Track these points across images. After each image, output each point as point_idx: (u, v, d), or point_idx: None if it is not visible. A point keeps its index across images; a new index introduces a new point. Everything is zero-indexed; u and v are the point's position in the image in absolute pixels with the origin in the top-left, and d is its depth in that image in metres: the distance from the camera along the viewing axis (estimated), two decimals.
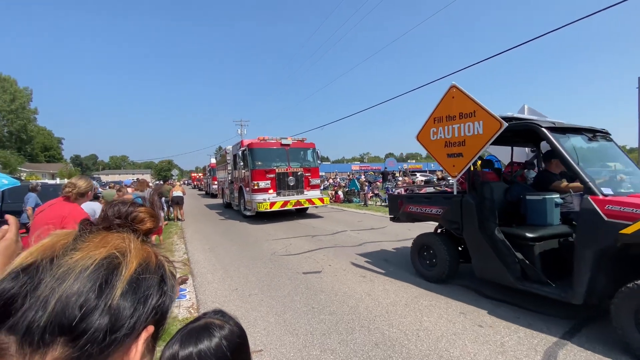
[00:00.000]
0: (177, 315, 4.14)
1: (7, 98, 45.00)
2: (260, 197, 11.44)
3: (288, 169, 12.08)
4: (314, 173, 12.85)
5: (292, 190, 12.05)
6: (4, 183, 5.79)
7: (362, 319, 3.68)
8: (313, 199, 12.16)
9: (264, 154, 12.13)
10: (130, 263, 0.50)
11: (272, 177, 11.77)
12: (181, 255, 7.31)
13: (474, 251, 4.22)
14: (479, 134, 4.25)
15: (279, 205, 11.39)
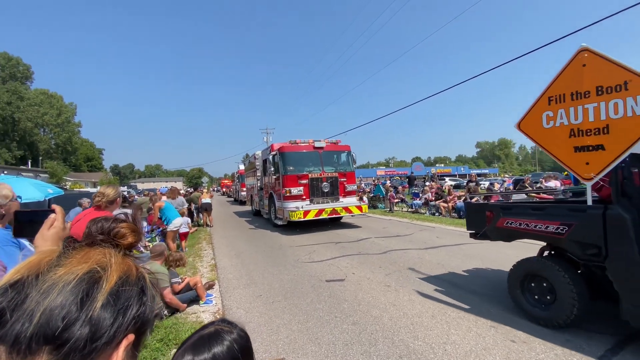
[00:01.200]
0: (203, 320, 4.24)
1: (54, 113, 48.84)
2: (293, 205, 10.58)
3: (322, 173, 11.11)
4: (349, 178, 11.74)
5: (326, 197, 11.11)
6: (49, 192, 6.25)
7: (386, 330, 3.58)
8: (350, 206, 11.01)
9: (296, 158, 11.26)
10: (111, 277, 0.54)
11: (304, 183, 10.84)
12: (209, 260, 7.51)
13: (629, 289, 2.90)
14: (637, 116, 2.97)
15: (313, 214, 10.35)
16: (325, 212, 10.52)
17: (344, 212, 10.93)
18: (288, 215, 10.35)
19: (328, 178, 11.18)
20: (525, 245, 7.16)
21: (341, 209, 10.87)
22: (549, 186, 11.55)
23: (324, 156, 11.55)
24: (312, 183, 10.90)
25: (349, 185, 11.64)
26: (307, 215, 10.27)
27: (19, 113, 43.97)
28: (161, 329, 3.95)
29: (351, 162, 12.11)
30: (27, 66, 48.39)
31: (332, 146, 12.10)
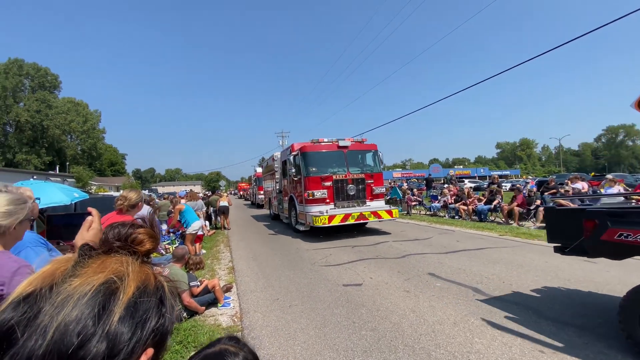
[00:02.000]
0: (221, 323, 4.26)
1: (81, 120, 50.95)
2: (316, 209, 9.77)
3: (347, 175, 10.24)
4: (377, 180, 10.79)
5: (352, 200, 10.24)
6: (75, 196, 6.47)
7: (406, 337, 3.47)
8: (379, 211, 9.89)
9: (318, 158, 10.44)
10: (128, 287, 0.51)
11: (328, 186, 10.01)
12: (227, 263, 7.58)
13: None
14: None
15: (339, 219, 9.36)
16: (351, 217, 9.51)
17: (372, 217, 9.82)
18: (311, 221, 9.49)
19: (354, 180, 10.29)
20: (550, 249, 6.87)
21: (369, 213, 9.77)
22: (576, 187, 11.03)
23: (349, 156, 10.66)
24: (336, 185, 10.09)
25: (377, 188, 10.70)
26: (332, 220, 9.29)
27: (48, 121, 46.11)
28: (180, 331, 3.99)
29: (378, 162, 11.22)
30: (55, 76, 50.72)
31: (358, 145, 11.15)
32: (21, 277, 1.58)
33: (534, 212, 10.61)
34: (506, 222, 10.91)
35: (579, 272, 5.34)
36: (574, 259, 6.09)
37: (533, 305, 4.07)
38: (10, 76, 44.40)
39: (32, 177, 21.85)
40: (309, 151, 10.44)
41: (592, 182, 19.84)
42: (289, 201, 12.04)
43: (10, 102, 44.52)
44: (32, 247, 2.11)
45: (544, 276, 5.19)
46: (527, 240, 8.08)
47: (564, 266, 5.67)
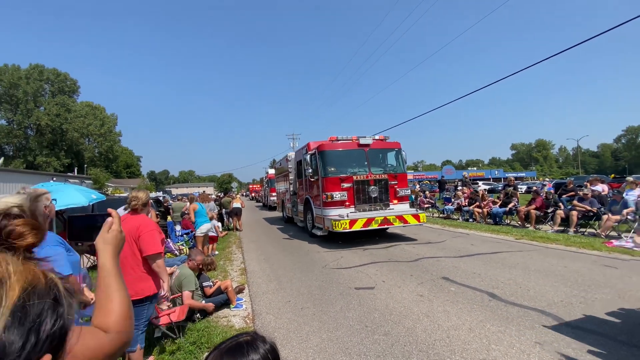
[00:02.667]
0: (234, 324, 4.28)
1: (98, 124, 52.36)
2: (335, 213, 9.06)
3: (369, 175, 9.42)
4: (401, 181, 9.98)
5: (374, 203, 9.40)
6: (92, 198, 6.63)
7: (420, 343, 3.41)
8: (405, 215, 9.03)
9: (338, 157, 9.71)
10: (12, 290, 0.45)
11: (348, 187, 9.23)
12: (239, 264, 7.63)
13: None
14: None
15: (361, 224, 8.53)
16: (375, 222, 8.67)
17: (397, 221, 8.89)
18: (330, 225, 8.73)
19: (376, 181, 9.43)
20: (569, 253, 6.67)
21: (394, 217, 8.87)
22: (595, 190, 10.68)
23: (370, 155, 9.83)
24: (357, 187, 9.27)
25: (401, 190, 9.87)
26: (354, 225, 8.48)
27: (67, 124, 47.54)
28: (194, 331, 4.03)
29: (402, 161, 10.36)
30: (74, 81, 52.30)
31: (380, 143, 10.28)
32: None
33: (552, 215, 10.32)
34: (522, 226, 10.64)
35: (600, 277, 5.15)
36: (594, 264, 5.90)
37: (552, 312, 3.94)
38: (32, 81, 46.01)
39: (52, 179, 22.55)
40: (327, 150, 9.67)
41: (613, 184, 19.20)
42: (304, 204, 11.37)
43: (31, 106, 46.12)
44: (51, 246, 2.16)
45: (564, 281, 5.03)
46: (545, 244, 7.86)
47: (584, 271, 5.48)
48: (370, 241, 9.36)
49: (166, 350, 3.66)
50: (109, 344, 0.81)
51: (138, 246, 2.97)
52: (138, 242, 2.97)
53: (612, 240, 7.67)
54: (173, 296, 4.44)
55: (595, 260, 6.17)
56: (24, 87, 44.78)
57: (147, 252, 2.96)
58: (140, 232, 2.98)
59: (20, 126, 46.52)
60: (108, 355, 0.80)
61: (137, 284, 2.91)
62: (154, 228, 3.10)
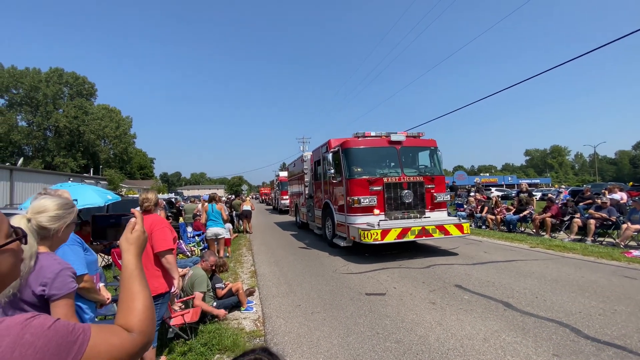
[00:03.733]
0: (244, 327, 4.29)
1: (114, 126, 53.59)
2: (362, 221, 7.85)
3: (401, 177, 8.15)
4: (438, 184, 8.67)
5: (407, 210, 8.09)
6: (108, 198, 6.77)
7: (433, 352, 3.35)
8: (446, 225, 7.62)
9: (365, 156, 8.49)
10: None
11: (378, 191, 7.99)
12: (249, 267, 7.67)
13: None
14: None
15: (395, 234, 7.21)
16: (411, 233, 7.31)
17: (437, 232, 7.52)
18: (357, 235, 7.50)
19: (410, 184, 8.15)
20: (586, 263, 6.48)
21: (434, 228, 7.50)
22: (614, 198, 10.38)
23: (403, 154, 8.58)
24: (387, 190, 8.01)
25: (439, 195, 8.53)
26: (386, 236, 7.17)
27: (84, 126, 48.80)
28: (205, 333, 4.05)
29: (439, 162, 9.10)
30: (92, 84, 53.77)
31: (414, 141, 8.98)
32: (63, 279, 1.65)
33: (568, 223, 10.06)
34: (537, 234, 10.40)
35: (619, 288, 4.99)
36: (613, 274, 5.71)
37: (570, 323, 3.82)
38: (51, 84, 47.47)
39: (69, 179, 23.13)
40: (353, 147, 8.44)
41: (632, 192, 18.62)
42: (322, 208, 10.22)
43: (51, 108, 47.53)
44: (69, 245, 2.21)
45: (581, 292, 4.88)
46: (561, 253, 7.66)
47: (603, 282, 5.32)
48: (380, 247, 8.78)
49: (177, 351, 3.69)
50: (131, 343, 0.82)
51: (150, 243, 3.03)
52: (150, 238, 3.02)
53: (632, 250, 7.42)
54: (186, 298, 4.48)
55: (614, 271, 5.98)
56: (44, 89, 46.22)
57: (158, 248, 3.02)
58: (152, 229, 3.04)
59: (40, 127, 47.98)
60: (130, 354, 0.81)
61: (150, 282, 2.94)
62: (165, 225, 3.18)
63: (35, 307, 1.61)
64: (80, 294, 2.13)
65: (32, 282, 1.58)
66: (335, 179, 8.90)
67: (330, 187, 9.43)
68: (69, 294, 1.67)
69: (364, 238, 7.22)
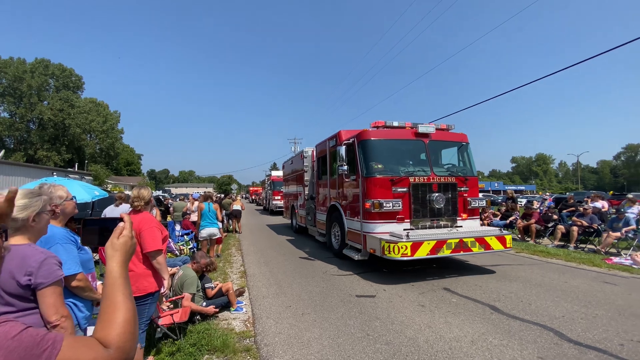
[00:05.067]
0: (234, 327, 4.26)
1: (101, 120, 52.48)
2: (384, 229, 6.38)
3: (431, 177, 6.73)
4: (472, 187, 7.25)
5: (437, 217, 6.69)
6: (95, 194, 6.63)
7: (422, 353, 3.40)
8: (486, 237, 6.22)
9: (387, 149, 7.12)
10: None
11: (403, 193, 6.54)
12: (238, 267, 7.61)
13: None
14: None
15: (428, 248, 5.79)
16: (447, 247, 5.92)
17: (477, 246, 6.13)
18: (379, 247, 6.06)
19: (441, 185, 6.77)
20: (569, 268, 6.67)
21: (473, 240, 6.11)
22: (595, 206, 10.72)
23: (431, 149, 7.18)
24: (415, 193, 6.57)
25: (473, 200, 7.15)
26: (417, 250, 5.76)
27: (70, 119, 47.61)
28: (194, 333, 4.01)
29: (471, 161, 7.67)
30: (79, 77, 52.52)
31: (444, 134, 7.61)
32: (48, 267, 1.63)
33: (552, 229, 10.34)
34: (522, 239, 10.65)
35: (600, 294, 5.16)
36: (594, 280, 5.90)
37: (554, 327, 3.93)
38: (37, 75, 46.18)
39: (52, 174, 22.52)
40: (373, 139, 7.00)
41: (612, 201, 19.27)
42: (328, 212, 8.74)
43: (35, 100, 46.22)
44: (62, 244, 2.17)
45: (564, 297, 5.03)
46: (545, 258, 7.87)
47: (585, 287, 5.49)
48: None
49: (165, 351, 3.64)
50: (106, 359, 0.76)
51: (139, 242, 2.97)
52: (139, 238, 2.96)
53: (612, 257, 7.68)
54: (175, 297, 4.43)
55: (595, 277, 6.17)
56: (28, 80, 44.93)
57: (147, 248, 2.95)
58: (141, 229, 2.97)
59: (23, 119, 46.58)
60: None
61: (139, 281, 2.90)
62: (154, 225, 3.08)
63: (21, 298, 1.58)
64: (74, 292, 2.10)
65: (16, 273, 1.55)
66: (348, 178, 7.35)
67: (340, 187, 7.95)
68: (56, 282, 1.65)
69: (389, 252, 5.80)
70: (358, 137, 7.18)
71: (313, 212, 10.43)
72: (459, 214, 6.91)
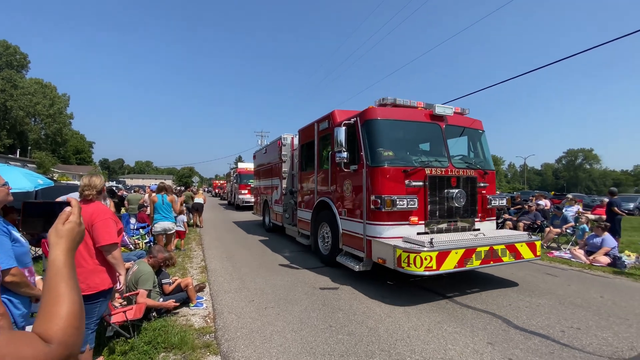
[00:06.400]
0: (193, 324, 4.11)
1: (47, 103, 47.94)
2: (394, 233, 5.18)
3: (449, 170, 5.64)
4: (491, 183, 6.26)
5: (455, 218, 5.63)
6: (39, 183, 6.04)
7: (382, 342, 3.51)
8: (517, 244, 5.22)
9: (398, 133, 6.03)
10: None
11: (418, 187, 5.38)
12: (199, 262, 7.35)
13: None
14: None
15: (456, 260, 4.65)
16: (476, 257, 4.81)
17: (508, 255, 5.09)
18: (392, 258, 4.75)
19: (461, 180, 5.67)
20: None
21: (504, 248, 5.05)
22: (540, 204, 11.70)
23: (448, 135, 6.00)
24: (432, 188, 5.43)
25: (492, 198, 6.13)
26: (444, 262, 4.56)
27: (12, 101, 43.01)
28: (149, 331, 3.82)
29: (488, 152, 6.59)
30: (24, 55, 47.51)
31: (461, 118, 6.42)
32: None
33: (501, 225, 11.13)
34: None
35: (543, 284, 5.65)
36: (538, 271, 6.43)
37: (502, 315, 4.25)
38: None
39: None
40: (381, 119, 5.69)
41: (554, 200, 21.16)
42: (315, 209, 7.33)
43: None
44: None
45: (510, 286, 5.44)
46: None
47: (529, 278, 5.99)
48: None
49: (117, 351, 3.42)
50: (47, 356, 0.69)
51: (91, 236, 2.73)
52: (91, 231, 2.71)
53: (553, 251, 8.44)
54: (129, 294, 4.17)
55: (538, 269, 6.75)
56: None
57: (101, 242, 2.71)
58: (94, 220, 2.72)
59: None
60: None
61: (91, 278, 2.68)
62: (109, 216, 2.83)
63: None
64: (9, 288, 1.89)
65: None
66: (347, 168, 5.94)
67: (334, 180, 6.57)
68: None
69: (408, 265, 4.49)
70: (362, 117, 5.84)
71: (292, 209, 9.15)
72: (477, 214, 5.88)
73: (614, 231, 8.26)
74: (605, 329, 3.87)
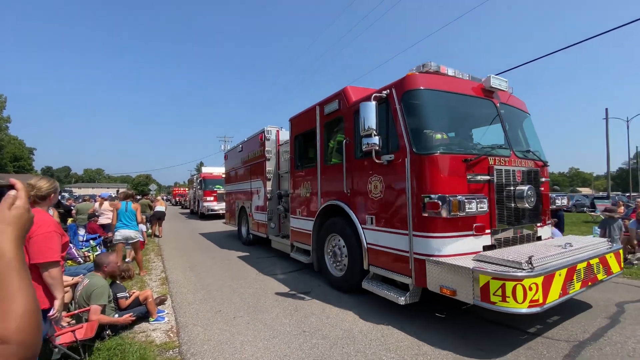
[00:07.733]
0: (154, 339, 3.78)
1: None
2: (455, 249, 3.72)
3: (512, 160, 4.31)
4: (547, 178, 5.14)
5: (522, 224, 4.32)
6: None
7: (358, 343, 3.46)
8: (607, 256, 4.01)
9: (448, 110, 4.54)
10: None
11: (483, 182, 3.98)
12: (158, 273, 6.87)
13: None
14: None
15: (560, 283, 3.26)
16: (577, 277, 3.50)
17: (601, 271, 3.89)
18: (471, 287, 3.19)
19: (525, 174, 4.37)
20: None
21: (597, 262, 3.84)
22: None
23: (506, 117, 4.70)
24: (499, 183, 4.09)
25: (556, 197, 5.16)
26: (550, 291, 3.16)
27: None
28: (103, 351, 3.44)
29: (538, 139, 5.35)
30: None
31: (513, 98, 5.10)
32: None
33: None
34: None
35: None
36: None
37: (472, 309, 4.39)
38: None
39: None
40: (427, 88, 4.22)
41: None
42: (317, 217, 5.87)
43: None
44: None
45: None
46: None
47: None
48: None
49: None
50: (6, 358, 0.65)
51: (27, 249, 2.35)
52: (28, 244, 2.32)
53: None
54: (80, 310, 3.75)
55: None
56: None
57: (38, 258, 2.32)
58: (34, 232, 2.32)
59: None
60: None
61: None
62: (53, 229, 2.44)
63: None
64: None
65: None
66: (378, 158, 4.29)
67: (351, 176, 5.03)
68: None
69: (505, 300, 3.02)
70: (400, 87, 4.29)
71: (276, 217, 7.99)
72: (542, 217, 4.69)
73: None
74: None
